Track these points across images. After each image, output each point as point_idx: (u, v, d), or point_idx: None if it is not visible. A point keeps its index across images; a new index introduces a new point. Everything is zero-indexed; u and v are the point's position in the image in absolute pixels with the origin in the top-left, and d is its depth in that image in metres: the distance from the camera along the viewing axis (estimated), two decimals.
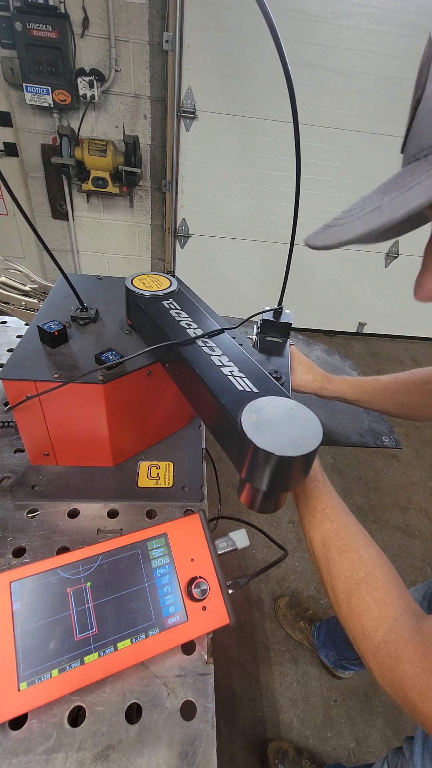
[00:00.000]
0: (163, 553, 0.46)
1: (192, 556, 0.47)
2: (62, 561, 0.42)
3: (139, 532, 0.46)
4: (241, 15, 2.05)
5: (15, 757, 0.40)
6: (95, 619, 0.41)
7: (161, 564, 0.45)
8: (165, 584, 0.45)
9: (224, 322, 0.62)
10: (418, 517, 1.98)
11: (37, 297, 0.92)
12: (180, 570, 0.46)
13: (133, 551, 0.45)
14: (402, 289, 3.13)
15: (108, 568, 0.43)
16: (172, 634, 0.44)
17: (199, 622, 0.45)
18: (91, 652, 0.40)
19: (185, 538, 0.48)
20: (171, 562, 0.46)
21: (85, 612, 0.41)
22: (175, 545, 0.47)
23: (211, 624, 0.46)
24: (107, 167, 2.36)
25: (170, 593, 0.45)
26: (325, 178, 2.59)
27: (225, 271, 2.97)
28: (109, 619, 0.41)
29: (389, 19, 2.13)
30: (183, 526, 0.48)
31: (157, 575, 0.45)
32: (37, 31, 1.97)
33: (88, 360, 0.61)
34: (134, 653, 0.42)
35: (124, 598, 0.43)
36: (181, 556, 0.46)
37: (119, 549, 0.44)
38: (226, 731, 1.23)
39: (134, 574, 0.44)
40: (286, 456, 0.35)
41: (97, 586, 0.42)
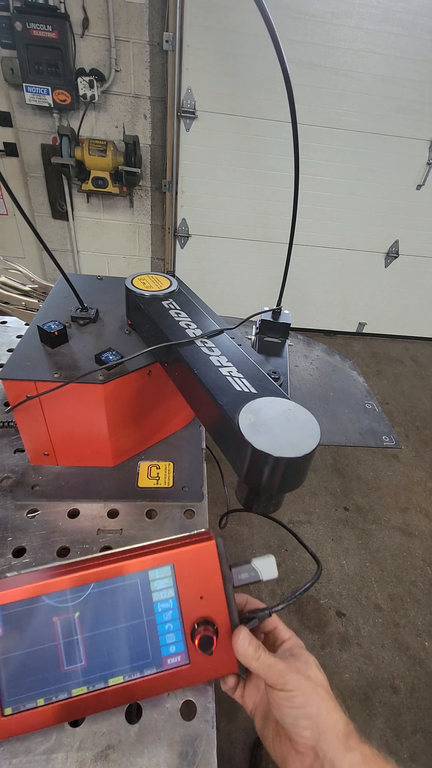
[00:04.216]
0: (167, 585, 0.39)
1: (202, 593, 0.40)
2: (49, 587, 0.37)
3: (140, 559, 0.39)
4: (241, 15, 2.05)
5: (15, 757, 0.40)
6: (84, 652, 0.37)
7: (164, 598, 0.39)
8: (166, 621, 0.39)
9: (223, 323, 0.62)
10: (418, 517, 1.98)
11: (37, 297, 0.92)
12: (186, 608, 0.40)
13: (130, 581, 0.39)
14: (402, 289, 3.13)
15: (100, 598, 0.38)
16: (170, 677, 0.40)
17: (202, 668, 0.40)
18: (79, 685, 0.37)
19: (195, 571, 0.40)
20: (175, 596, 0.40)
21: (73, 644, 0.37)
22: (182, 579, 0.40)
23: (215, 671, 0.41)
24: (107, 167, 2.36)
25: (172, 631, 0.40)
26: (325, 178, 2.59)
27: (225, 271, 2.97)
28: (100, 653, 0.38)
29: (389, 19, 2.13)
30: (194, 557, 0.40)
31: (158, 610, 0.39)
32: (37, 31, 1.97)
33: (88, 360, 0.61)
34: (127, 692, 0.39)
35: (118, 631, 0.38)
36: (188, 591, 0.40)
37: (115, 579, 0.39)
38: (225, 731, 1.23)
39: (131, 606, 0.39)
40: (283, 457, 0.35)
41: (88, 616, 0.38)
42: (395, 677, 1.44)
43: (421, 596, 1.67)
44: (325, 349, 1.18)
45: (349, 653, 1.48)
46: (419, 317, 3.31)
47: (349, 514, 1.96)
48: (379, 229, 2.84)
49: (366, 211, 2.75)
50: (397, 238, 2.89)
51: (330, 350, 1.18)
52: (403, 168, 2.59)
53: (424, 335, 3.43)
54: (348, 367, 1.13)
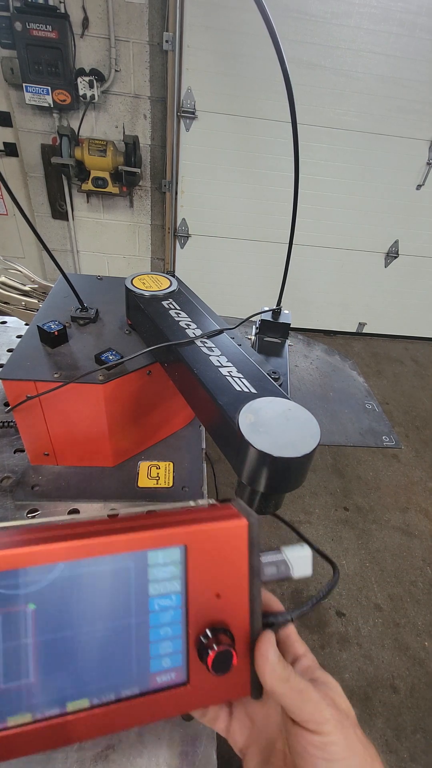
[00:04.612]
0: (173, 575, 0.27)
1: (219, 590, 0.28)
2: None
3: (139, 534, 0.26)
4: (241, 15, 2.05)
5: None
6: (34, 663, 0.25)
7: (165, 592, 0.27)
8: (164, 624, 0.27)
9: (223, 323, 0.62)
10: (418, 517, 1.98)
11: (37, 297, 0.92)
12: (194, 608, 0.28)
13: (120, 565, 0.26)
14: (402, 289, 3.13)
15: (71, 586, 0.25)
16: (158, 701, 0.27)
17: (203, 689, 0.29)
18: (19, 711, 0.24)
19: (215, 559, 0.28)
20: (182, 591, 0.28)
21: (18, 650, 0.24)
22: (195, 568, 0.28)
23: (222, 693, 0.29)
24: (107, 167, 2.36)
25: (169, 638, 0.28)
26: (325, 178, 2.59)
27: (225, 271, 2.97)
28: (58, 665, 0.25)
29: (389, 19, 2.13)
30: (216, 539, 0.28)
31: (154, 608, 0.27)
32: (37, 31, 1.97)
33: (88, 360, 0.61)
34: (93, 721, 0.26)
35: (90, 637, 0.26)
36: (201, 586, 0.28)
37: (97, 559, 0.26)
38: None
39: (115, 600, 0.26)
40: (283, 457, 0.35)
41: (47, 611, 0.25)
42: (395, 677, 1.44)
43: (421, 596, 1.68)
44: (325, 349, 1.18)
45: (349, 653, 1.48)
46: (419, 317, 3.31)
47: (349, 514, 1.96)
48: (379, 229, 2.84)
49: (366, 211, 2.75)
50: (397, 238, 2.89)
51: (330, 350, 1.18)
52: (403, 168, 2.59)
53: (424, 335, 3.43)
54: (348, 367, 1.13)
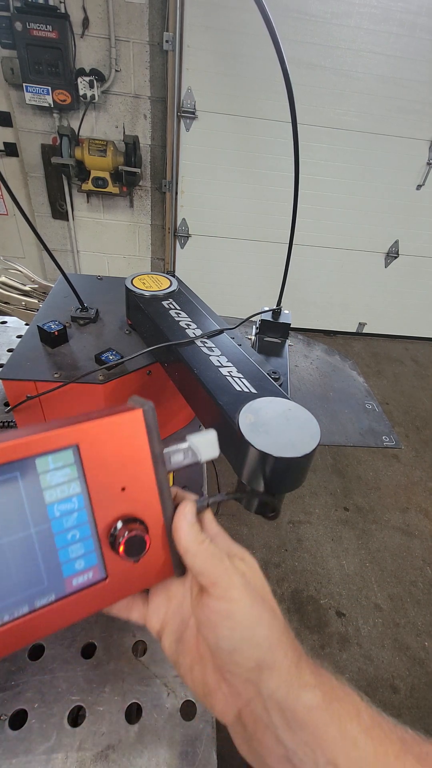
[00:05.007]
0: (69, 478, 0.26)
1: (123, 483, 0.28)
2: None
3: (18, 441, 0.24)
4: (241, 15, 2.05)
5: (15, 757, 0.40)
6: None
7: (63, 496, 0.26)
8: (69, 528, 0.27)
9: (223, 323, 0.62)
10: (418, 517, 1.98)
11: (37, 297, 0.92)
12: (99, 505, 0.27)
13: (5, 475, 0.24)
14: (402, 289, 3.13)
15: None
16: (80, 601, 0.28)
17: (124, 580, 0.29)
18: None
19: (113, 454, 0.28)
20: (83, 491, 0.27)
21: None
22: (92, 466, 0.27)
23: (142, 580, 0.30)
24: (107, 167, 2.36)
25: (78, 541, 0.27)
26: (325, 178, 2.59)
27: (225, 271, 2.97)
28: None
29: (389, 19, 2.13)
30: (110, 433, 0.27)
31: (54, 514, 0.26)
32: (37, 31, 1.97)
33: (88, 360, 0.61)
34: (9, 637, 0.26)
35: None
36: (102, 483, 0.27)
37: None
38: (226, 731, 1.22)
39: (6, 514, 0.25)
40: (283, 457, 0.35)
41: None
42: (395, 677, 1.44)
43: (421, 596, 1.67)
44: (325, 349, 1.18)
45: (349, 653, 1.48)
46: (419, 317, 3.31)
47: (349, 514, 1.96)
48: (379, 229, 2.84)
49: (366, 211, 2.75)
50: (397, 238, 2.89)
51: (330, 350, 1.18)
52: (403, 168, 2.59)
53: (424, 335, 3.43)
54: (348, 367, 1.13)
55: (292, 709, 0.25)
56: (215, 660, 0.28)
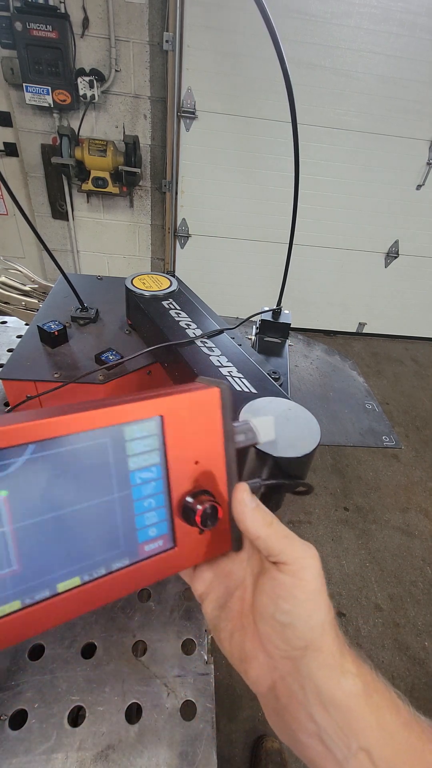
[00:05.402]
0: (151, 447, 0.28)
1: (197, 457, 0.30)
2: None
3: (112, 409, 0.26)
4: (241, 15, 2.05)
5: (15, 757, 0.40)
6: (16, 551, 0.24)
7: (145, 464, 0.28)
8: (146, 496, 0.28)
9: (223, 323, 0.62)
10: (418, 517, 1.98)
11: (37, 297, 0.92)
12: (175, 477, 0.29)
13: (96, 441, 0.25)
14: (402, 289, 3.13)
15: (45, 467, 0.24)
16: (149, 568, 0.29)
17: (190, 551, 0.31)
18: (7, 600, 0.24)
19: (191, 428, 0.29)
20: (162, 462, 0.28)
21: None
22: (173, 438, 0.28)
23: (208, 551, 0.32)
24: (107, 167, 2.36)
25: (153, 509, 0.29)
26: (325, 178, 2.59)
27: (225, 271, 2.97)
28: (43, 550, 0.25)
29: (389, 19, 2.13)
30: (191, 408, 0.29)
31: (135, 481, 0.27)
32: (37, 31, 1.97)
33: (88, 360, 0.61)
34: (86, 597, 0.26)
35: (73, 516, 0.25)
36: (179, 455, 0.29)
37: (71, 437, 0.25)
38: (226, 731, 1.23)
39: (95, 477, 0.26)
40: (283, 457, 0.35)
41: (23, 496, 0.24)
42: (395, 677, 1.44)
43: (421, 596, 1.68)
44: (325, 349, 1.18)
45: None
46: (419, 317, 3.31)
47: (349, 514, 1.96)
48: (379, 229, 2.84)
49: (366, 211, 2.75)
50: (397, 238, 2.89)
51: (330, 350, 1.18)
52: (403, 168, 2.59)
53: (424, 335, 3.43)
54: (348, 367, 1.13)
55: (331, 692, 0.25)
56: (261, 630, 0.28)
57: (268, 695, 0.29)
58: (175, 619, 0.53)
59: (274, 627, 0.27)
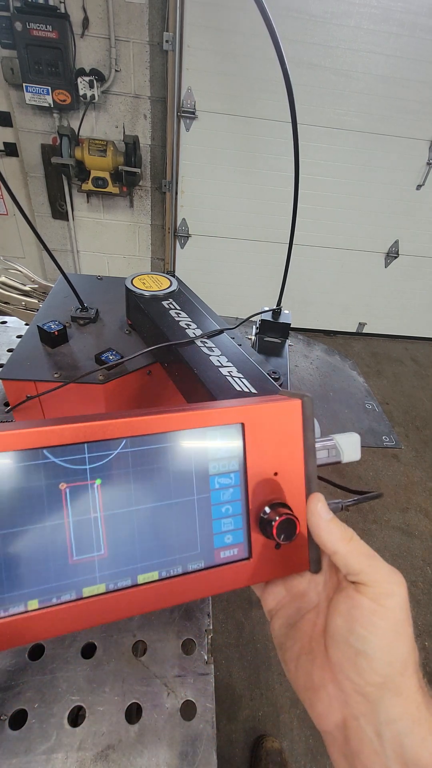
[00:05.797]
0: (232, 454, 0.29)
1: (276, 468, 0.30)
2: (56, 437, 0.25)
3: (198, 413, 0.28)
4: (241, 15, 2.05)
5: (15, 757, 0.40)
6: (105, 537, 0.26)
7: (225, 470, 0.28)
8: (225, 502, 0.29)
9: (223, 323, 0.62)
10: (418, 517, 1.98)
11: (37, 297, 0.92)
12: (254, 485, 0.29)
13: (180, 442, 0.28)
14: (402, 289, 3.13)
15: (135, 462, 0.27)
16: (223, 575, 0.29)
17: (265, 564, 0.30)
18: (94, 582, 0.26)
19: (271, 438, 0.29)
20: (241, 470, 0.29)
21: (89, 524, 0.26)
22: (253, 446, 0.29)
23: (283, 568, 0.31)
24: (107, 167, 2.36)
25: (230, 516, 0.29)
26: (325, 178, 2.59)
27: (225, 271, 2.97)
28: (127, 539, 0.27)
29: (389, 19, 2.13)
30: (272, 418, 0.29)
31: (214, 486, 0.28)
32: (37, 31, 1.97)
33: (88, 360, 0.61)
34: (163, 592, 0.28)
35: (156, 512, 0.27)
36: (259, 464, 0.29)
37: (159, 436, 0.27)
38: (226, 731, 1.23)
39: (177, 477, 0.28)
40: None
41: (113, 486, 0.26)
42: None
43: (421, 596, 1.68)
44: (325, 349, 1.18)
45: None
46: (419, 317, 3.31)
47: (349, 514, 1.96)
48: (379, 229, 2.84)
49: (366, 211, 2.75)
50: (397, 238, 2.89)
51: (330, 350, 1.18)
52: (403, 168, 2.59)
53: (424, 335, 3.43)
54: (348, 367, 1.13)
55: (415, 751, 0.22)
56: (332, 656, 0.25)
57: (336, 734, 0.25)
58: (175, 619, 0.53)
59: (346, 653, 0.24)
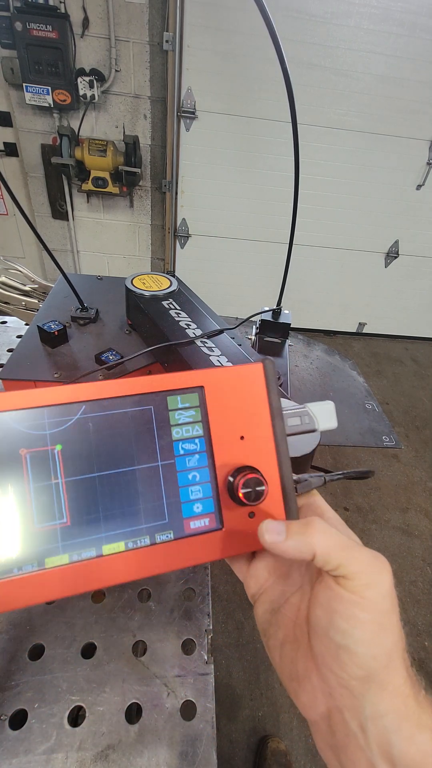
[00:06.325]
0: (194, 419, 0.28)
1: (242, 432, 0.29)
2: (15, 402, 0.24)
3: (156, 378, 0.28)
4: (241, 15, 2.05)
5: (15, 757, 0.40)
6: (67, 504, 0.25)
7: (188, 436, 0.28)
8: (190, 468, 0.28)
9: (223, 323, 0.62)
10: (418, 517, 1.98)
11: (37, 297, 0.92)
12: (219, 450, 0.28)
13: (141, 407, 0.27)
14: (402, 289, 3.13)
15: (95, 428, 0.26)
16: (193, 546, 0.28)
17: (238, 534, 0.29)
18: (57, 552, 0.25)
19: (234, 402, 0.29)
20: (205, 435, 0.28)
21: (50, 490, 0.25)
22: (215, 410, 0.28)
23: (257, 540, 0.28)
24: (107, 167, 2.36)
25: (197, 483, 0.28)
26: (325, 178, 2.59)
27: (225, 271, 2.97)
28: (91, 507, 0.26)
29: (389, 19, 2.13)
30: (233, 381, 0.29)
31: (178, 452, 0.28)
32: (37, 31, 1.97)
33: (88, 360, 0.61)
34: (129, 564, 0.26)
35: (120, 478, 0.26)
36: (223, 428, 0.29)
37: (118, 400, 0.26)
38: (226, 731, 1.23)
39: (140, 443, 0.27)
40: None
41: (74, 453, 0.26)
42: None
43: (421, 596, 1.67)
44: (325, 349, 1.18)
45: None
46: (419, 317, 3.31)
47: (349, 514, 1.96)
48: (379, 229, 2.84)
49: (366, 211, 2.75)
50: (397, 238, 2.89)
51: (330, 350, 1.18)
52: (403, 168, 2.59)
53: (424, 335, 3.43)
54: (348, 367, 1.13)
55: (402, 748, 0.21)
56: (315, 648, 0.24)
57: (321, 724, 0.25)
58: (175, 619, 0.53)
59: (328, 647, 0.23)
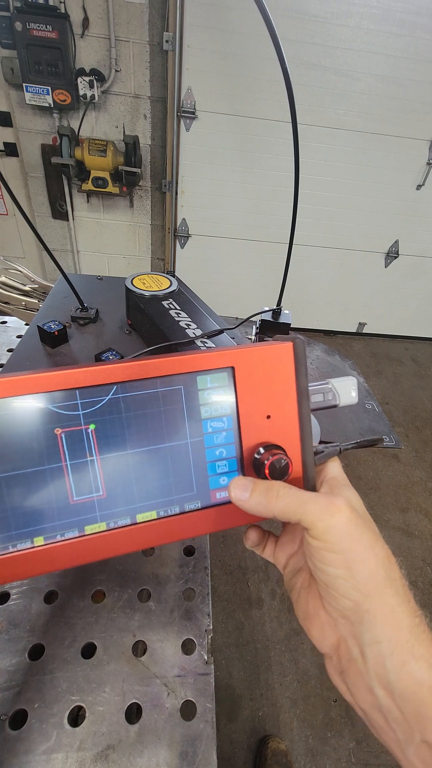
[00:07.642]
0: (223, 398, 0.30)
1: (269, 411, 0.30)
2: (49, 383, 0.26)
3: (187, 357, 0.28)
4: (241, 15, 2.05)
5: (15, 757, 0.40)
6: (102, 479, 0.28)
7: (216, 414, 0.29)
8: (218, 445, 0.30)
9: (223, 323, 0.62)
10: (418, 517, 1.98)
11: (37, 297, 0.92)
12: (246, 428, 0.30)
13: (171, 387, 0.28)
14: (402, 289, 3.13)
15: (127, 408, 0.28)
16: (218, 515, 0.31)
17: None
18: (95, 521, 0.28)
19: (263, 382, 0.30)
20: (234, 413, 0.30)
21: (86, 467, 0.27)
22: (244, 390, 0.30)
23: None
24: (107, 167, 2.36)
25: (224, 459, 0.30)
26: (325, 178, 2.59)
27: (225, 271, 2.97)
28: (125, 482, 0.28)
29: (389, 19, 2.13)
30: (263, 361, 0.30)
31: (207, 429, 0.29)
32: (37, 31, 1.97)
33: (88, 360, 0.61)
34: (161, 530, 0.29)
35: (151, 455, 0.29)
36: (251, 408, 0.30)
37: (149, 381, 0.28)
38: (226, 731, 1.23)
39: (170, 421, 0.29)
40: None
41: (107, 431, 0.27)
42: None
43: (421, 596, 1.67)
44: (325, 349, 1.18)
45: None
46: (419, 317, 3.31)
47: None
48: (379, 229, 2.84)
49: (366, 211, 2.75)
50: (397, 238, 2.89)
51: (330, 350, 1.18)
52: (403, 168, 2.59)
53: (424, 335, 3.43)
54: (348, 367, 1.13)
55: (396, 674, 0.23)
56: (318, 588, 0.28)
57: (332, 654, 0.28)
58: (175, 619, 0.53)
59: (321, 584, 0.27)
